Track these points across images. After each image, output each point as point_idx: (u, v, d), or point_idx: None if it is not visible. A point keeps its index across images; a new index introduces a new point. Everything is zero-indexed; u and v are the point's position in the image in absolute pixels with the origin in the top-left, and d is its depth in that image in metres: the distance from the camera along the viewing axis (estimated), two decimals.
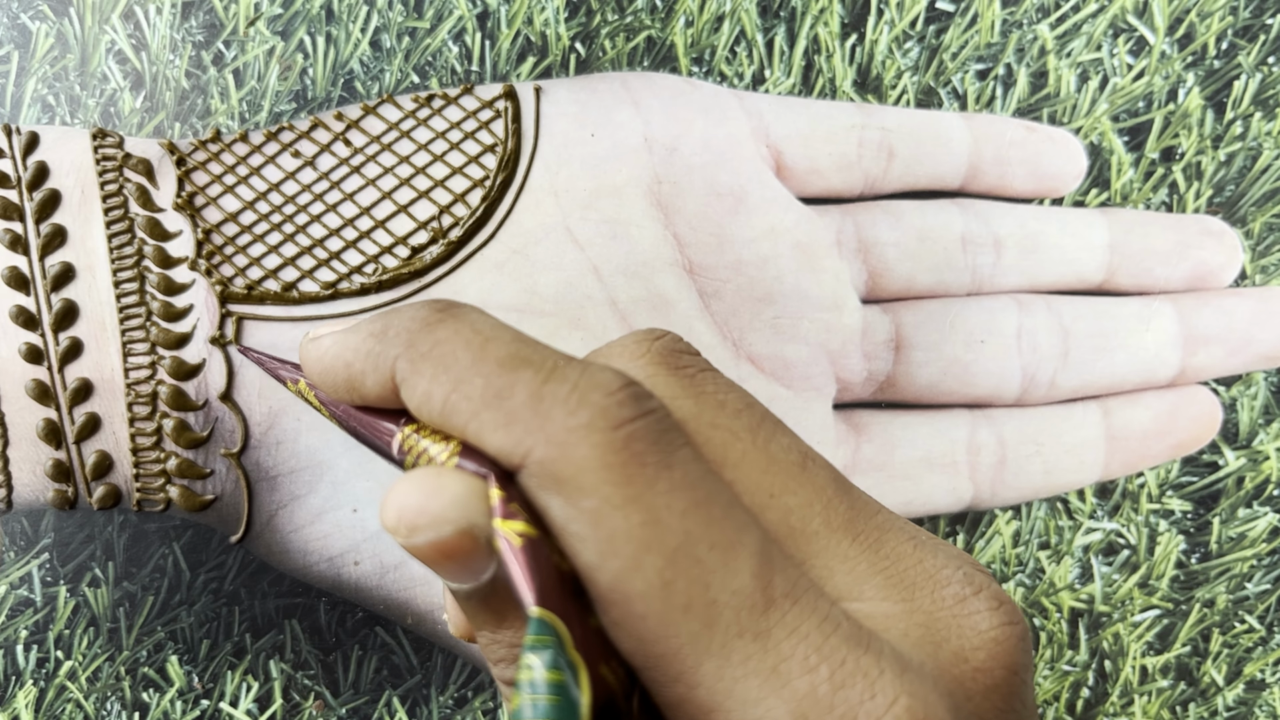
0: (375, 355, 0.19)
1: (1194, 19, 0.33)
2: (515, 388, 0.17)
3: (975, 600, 0.18)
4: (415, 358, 0.18)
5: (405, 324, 0.19)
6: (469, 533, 0.17)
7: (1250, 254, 0.33)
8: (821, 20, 0.33)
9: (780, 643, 0.16)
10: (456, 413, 0.18)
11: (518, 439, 0.17)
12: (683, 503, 0.17)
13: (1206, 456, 0.33)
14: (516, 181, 0.29)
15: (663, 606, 0.16)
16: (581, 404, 0.17)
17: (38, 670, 0.30)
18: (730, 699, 0.16)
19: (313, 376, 0.21)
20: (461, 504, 0.17)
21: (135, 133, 0.32)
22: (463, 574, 0.17)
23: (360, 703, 0.31)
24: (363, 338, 0.20)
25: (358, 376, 0.20)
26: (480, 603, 0.18)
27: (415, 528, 0.17)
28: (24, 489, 0.27)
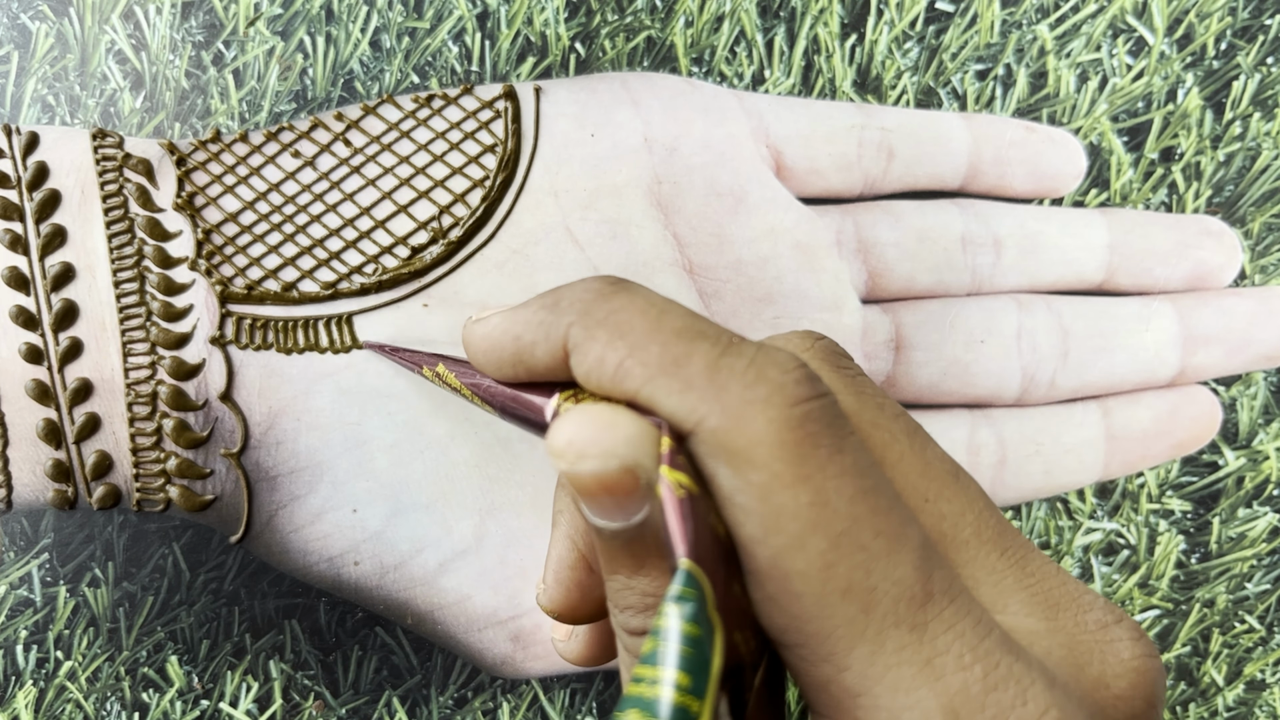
0: (547, 325, 0.20)
1: (1193, 19, 0.33)
2: (692, 357, 0.18)
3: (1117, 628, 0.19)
4: (590, 325, 0.19)
5: (578, 295, 0.20)
6: (633, 470, 0.17)
7: (1249, 254, 0.33)
8: (821, 20, 0.33)
9: (937, 637, 0.17)
10: (630, 377, 0.18)
11: (692, 405, 0.17)
12: (851, 489, 0.17)
13: (1206, 456, 0.33)
14: (516, 181, 0.29)
15: (822, 588, 0.16)
16: (759, 379, 0.17)
17: (37, 670, 0.30)
18: (880, 685, 0.17)
19: (477, 353, 0.22)
20: (632, 442, 0.17)
21: (135, 133, 0.32)
22: (614, 511, 0.17)
23: (360, 703, 0.31)
24: (533, 310, 0.20)
25: (527, 348, 0.20)
26: (623, 545, 0.18)
27: (584, 455, 0.17)
28: (24, 489, 0.27)
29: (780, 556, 0.17)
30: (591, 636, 0.24)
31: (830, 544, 0.17)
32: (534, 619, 0.29)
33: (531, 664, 0.29)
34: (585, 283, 0.20)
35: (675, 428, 0.17)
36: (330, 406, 0.28)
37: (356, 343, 0.28)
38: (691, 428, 0.17)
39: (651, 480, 0.17)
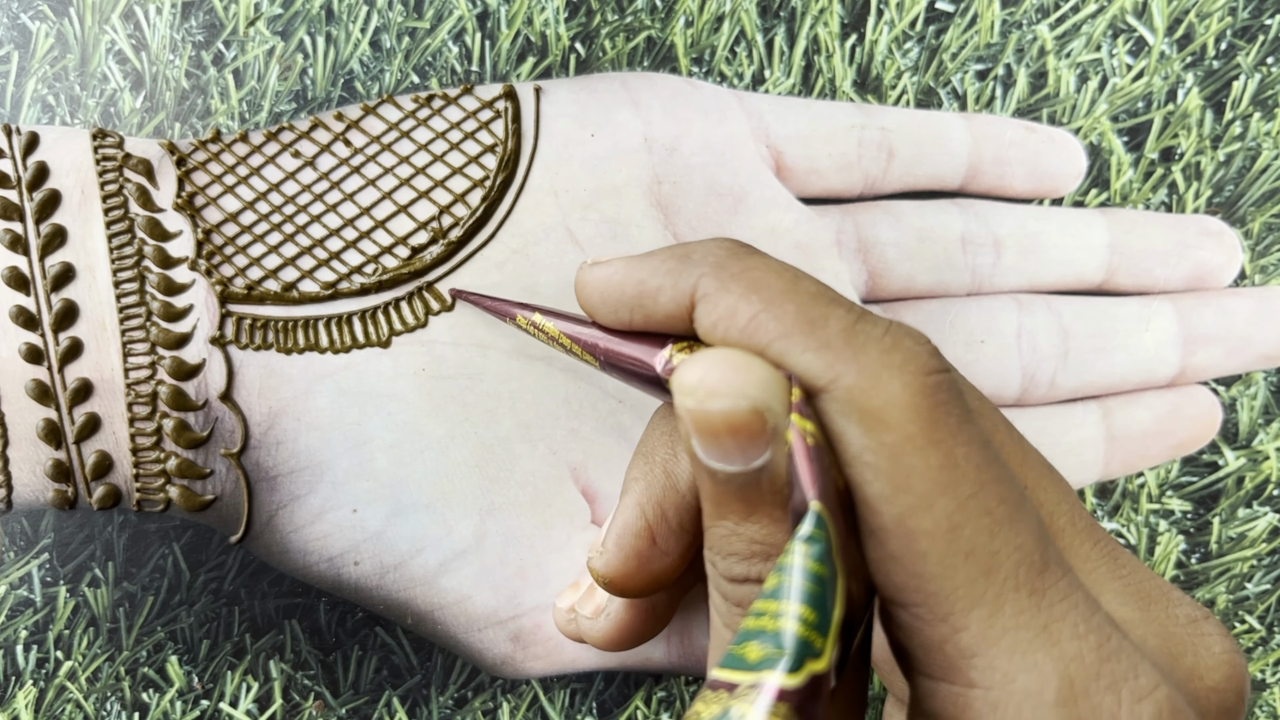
0: (676, 273, 0.20)
1: (1193, 19, 0.33)
2: (828, 320, 0.18)
3: (1206, 624, 0.19)
4: (724, 277, 0.19)
5: (711, 249, 0.20)
6: (762, 413, 0.17)
7: (1249, 254, 0.33)
8: (821, 20, 0.33)
9: (1054, 604, 0.17)
10: (762, 330, 0.19)
11: (828, 363, 0.18)
12: (978, 457, 0.17)
13: (1206, 456, 0.33)
14: (516, 182, 0.29)
15: (947, 548, 0.17)
16: (895, 346, 0.18)
17: (37, 670, 0.30)
18: (996, 647, 0.17)
19: (594, 293, 0.22)
20: (765, 386, 0.17)
21: (135, 133, 0.32)
22: (734, 454, 0.18)
23: (360, 703, 0.31)
24: (662, 259, 0.21)
25: (650, 293, 0.21)
26: (737, 490, 0.18)
27: (715, 393, 0.17)
28: (24, 489, 0.27)
29: (908, 515, 0.17)
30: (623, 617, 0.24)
31: (958, 506, 0.17)
32: (534, 619, 0.29)
33: (531, 664, 0.29)
34: (717, 240, 0.21)
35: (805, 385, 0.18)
36: (330, 406, 0.28)
37: (356, 343, 0.28)
38: (824, 385, 0.18)
39: (779, 425, 0.17)
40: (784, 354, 0.18)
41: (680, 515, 0.22)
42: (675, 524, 0.22)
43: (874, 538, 0.17)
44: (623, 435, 0.29)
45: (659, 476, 0.22)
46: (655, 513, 0.22)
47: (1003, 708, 0.17)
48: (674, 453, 0.23)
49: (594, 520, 0.30)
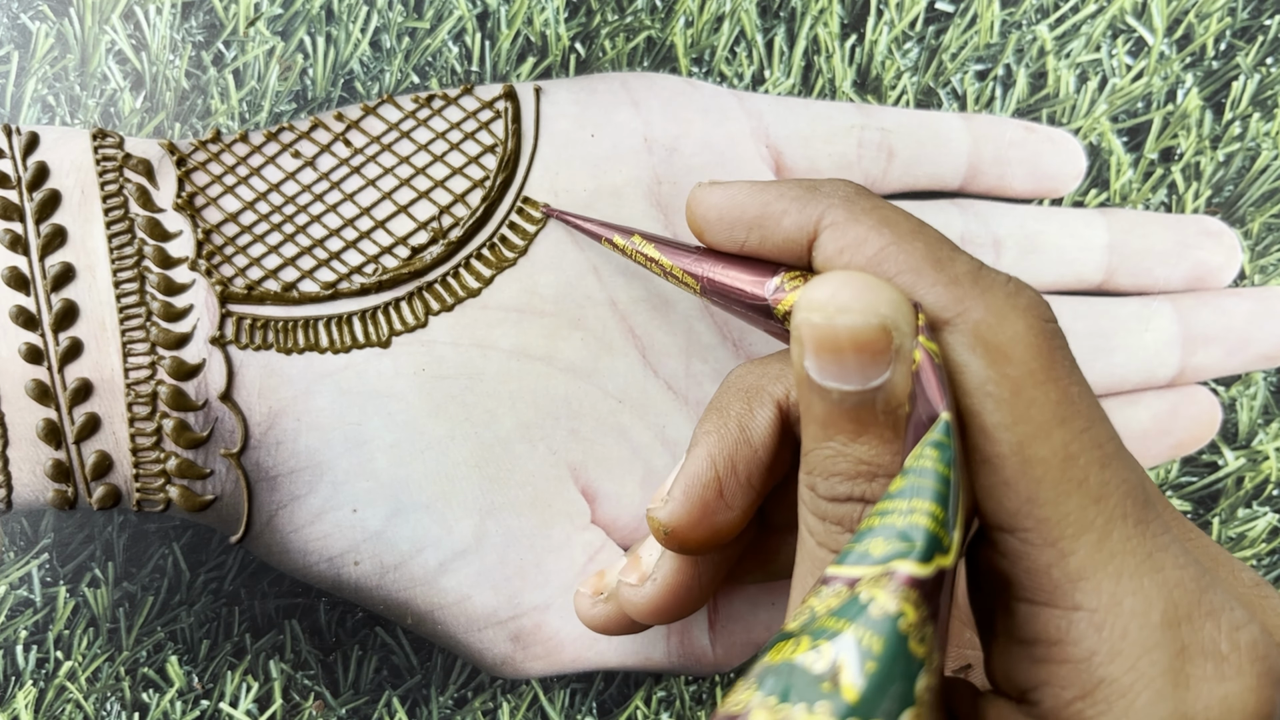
0: (804, 200, 0.22)
1: (1192, 20, 0.33)
2: (957, 260, 0.20)
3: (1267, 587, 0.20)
4: (856, 211, 0.21)
5: (839, 185, 0.22)
6: (889, 331, 0.18)
7: (1249, 254, 0.33)
8: (821, 21, 0.33)
9: (1157, 535, 0.18)
10: (890, 262, 0.20)
11: (956, 298, 0.19)
12: (1090, 397, 0.19)
13: (1206, 456, 0.33)
14: (516, 182, 0.29)
15: (1061, 475, 0.18)
16: (1020, 291, 0.19)
17: (37, 670, 0.30)
18: (1103, 571, 0.18)
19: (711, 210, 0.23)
20: (895, 306, 0.18)
21: (135, 133, 0.32)
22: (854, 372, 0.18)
23: (360, 703, 0.31)
24: (789, 186, 0.22)
25: (773, 216, 0.22)
26: (850, 409, 0.19)
27: (845, 308, 0.18)
28: (24, 489, 0.27)
29: (1026, 443, 0.18)
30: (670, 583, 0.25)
31: (1073, 437, 0.18)
32: (534, 619, 0.29)
33: (531, 664, 0.29)
34: (841, 179, 0.22)
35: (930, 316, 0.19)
36: (330, 406, 0.28)
37: (356, 343, 0.28)
38: (950, 318, 0.19)
39: (903, 345, 0.18)
40: (911, 287, 0.19)
41: (750, 470, 0.23)
42: (744, 478, 0.23)
43: (988, 465, 0.18)
44: (623, 435, 0.29)
45: (733, 430, 0.23)
46: (726, 465, 0.23)
47: (1108, 628, 0.18)
48: (749, 408, 0.23)
49: (594, 520, 0.30)
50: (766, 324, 0.23)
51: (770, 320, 0.23)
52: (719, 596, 0.30)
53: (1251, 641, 0.18)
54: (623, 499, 0.29)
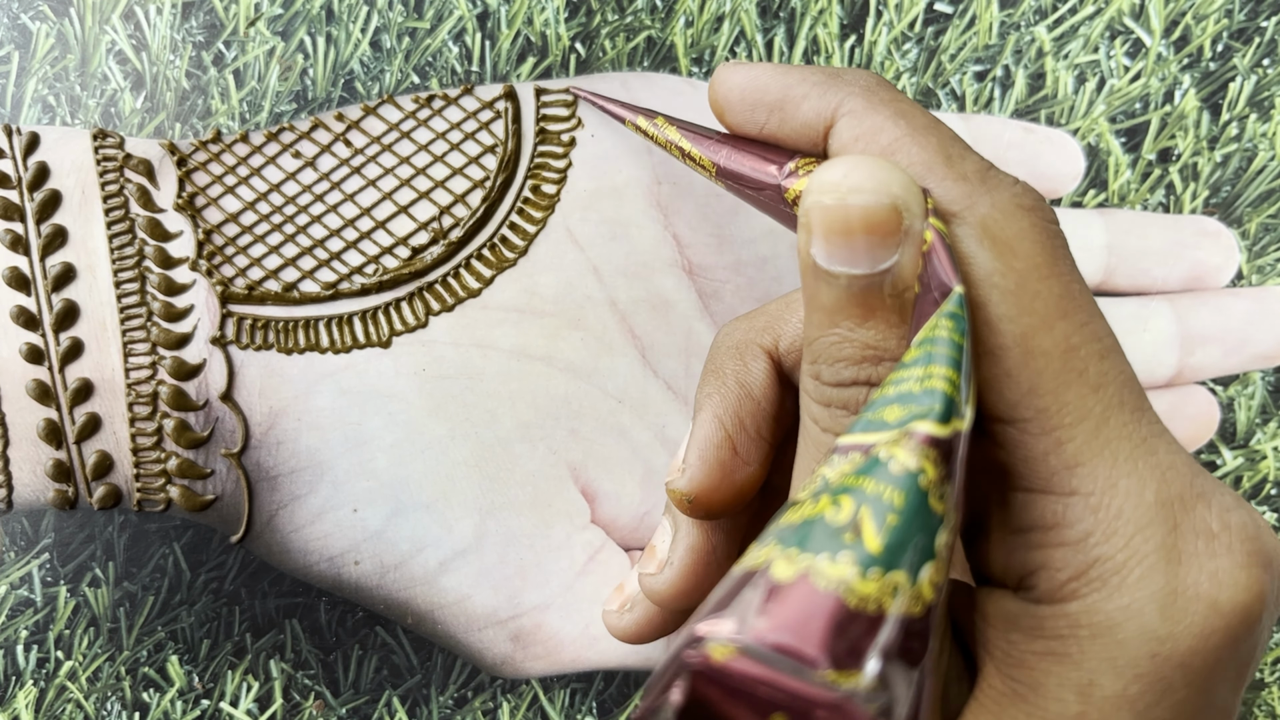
0: (825, 85, 0.22)
1: (1190, 21, 0.33)
2: (967, 158, 0.20)
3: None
4: (875, 100, 0.21)
5: (860, 75, 0.22)
6: (900, 212, 0.18)
7: (1246, 254, 0.33)
8: (821, 21, 0.33)
9: (1153, 423, 0.19)
10: (903, 153, 0.20)
11: (967, 193, 0.19)
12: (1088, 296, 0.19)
13: (1204, 456, 0.33)
14: (516, 182, 0.30)
15: (1062, 365, 0.18)
16: (1026, 192, 0.20)
17: (38, 670, 0.30)
18: (1099, 457, 0.18)
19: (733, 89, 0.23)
20: (906, 188, 0.19)
21: (136, 133, 0.32)
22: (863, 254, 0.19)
23: (360, 702, 0.31)
24: (810, 71, 0.22)
25: (794, 99, 0.22)
26: (858, 293, 0.19)
27: (858, 189, 0.18)
28: (24, 489, 0.27)
29: (1029, 334, 0.18)
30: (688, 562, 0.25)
31: (1075, 329, 0.19)
32: (534, 619, 0.29)
33: (531, 664, 0.29)
34: (863, 70, 0.22)
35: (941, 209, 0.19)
36: (331, 406, 0.28)
37: (357, 343, 0.28)
38: (958, 211, 0.19)
39: (913, 227, 0.18)
40: (921, 179, 0.20)
41: (758, 422, 0.23)
42: (753, 432, 0.23)
43: (991, 356, 0.19)
44: (623, 435, 0.29)
45: (732, 388, 0.23)
46: (734, 422, 0.23)
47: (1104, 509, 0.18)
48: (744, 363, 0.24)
49: (594, 520, 0.30)
50: (779, 211, 0.24)
51: (782, 207, 0.23)
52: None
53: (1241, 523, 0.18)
54: (623, 499, 0.30)
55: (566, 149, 0.30)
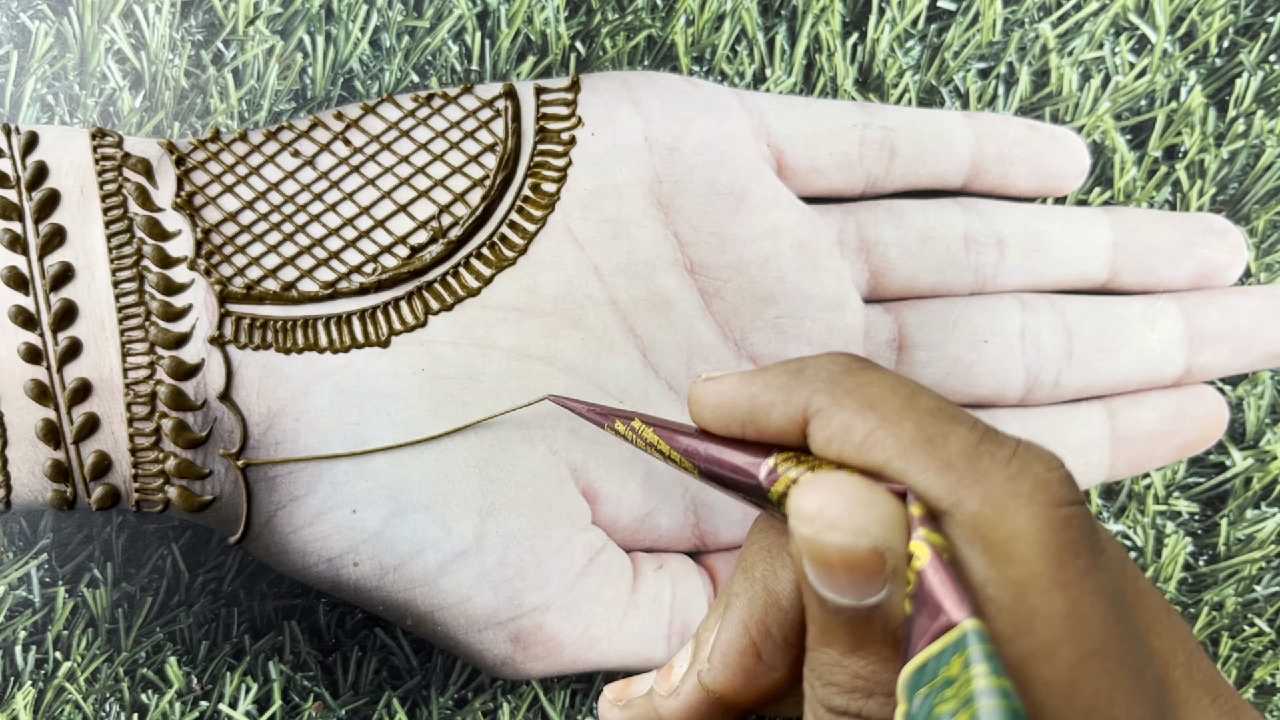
0: (789, 388, 0.20)
1: (1195, 17, 0.33)
2: (949, 438, 0.18)
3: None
4: (838, 393, 0.19)
5: (824, 365, 0.20)
6: (881, 554, 0.17)
7: (1254, 252, 0.33)
8: (823, 19, 0.33)
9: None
10: (879, 447, 0.18)
11: (950, 486, 0.17)
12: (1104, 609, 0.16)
13: (1213, 457, 0.33)
14: (516, 181, 0.29)
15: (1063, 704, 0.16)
16: (1023, 472, 0.17)
17: (36, 671, 0.30)
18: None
19: (706, 408, 0.22)
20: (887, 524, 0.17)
21: (134, 132, 0.32)
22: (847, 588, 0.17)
23: (360, 704, 0.31)
24: (774, 374, 0.21)
25: (762, 408, 0.21)
26: (845, 622, 0.18)
27: (833, 526, 0.17)
28: (22, 489, 0.27)
29: (1028, 660, 0.16)
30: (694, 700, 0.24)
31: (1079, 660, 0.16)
32: (534, 620, 0.29)
33: (531, 665, 0.29)
34: (831, 355, 0.21)
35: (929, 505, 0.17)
36: (329, 407, 0.28)
37: (355, 342, 0.28)
38: (946, 509, 0.17)
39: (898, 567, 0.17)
40: (904, 472, 0.18)
41: (785, 631, 0.22)
42: (780, 640, 0.22)
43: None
44: None
45: (760, 594, 0.22)
46: (759, 630, 0.22)
47: None
48: (773, 569, 0.22)
49: (595, 521, 0.29)
50: (764, 507, 0.22)
51: (767, 504, 0.22)
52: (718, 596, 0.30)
53: None
54: (624, 500, 0.29)
55: (566, 147, 0.30)
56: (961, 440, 0.18)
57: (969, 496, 0.17)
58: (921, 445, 0.18)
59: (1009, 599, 0.16)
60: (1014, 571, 0.16)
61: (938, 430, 0.18)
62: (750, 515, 0.30)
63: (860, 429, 0.19)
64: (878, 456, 0.18)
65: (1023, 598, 0.16)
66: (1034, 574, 0.16)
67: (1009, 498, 0.17)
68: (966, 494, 0.17)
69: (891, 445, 0.18)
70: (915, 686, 0.16)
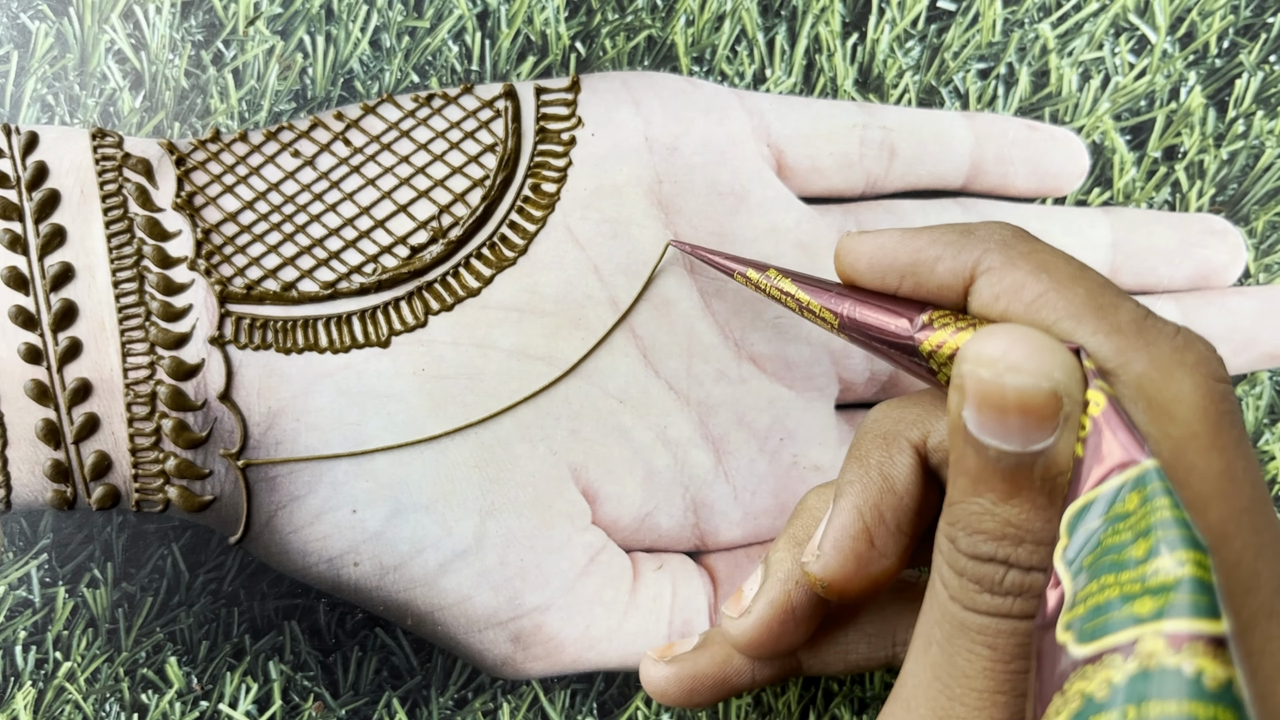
0: (959, 245, 0.21)
1: (1195, 18, 0.33)
2: (1119, 309, 0.19)
3: None
4: (1014, 255, 0.20)
5: (995, 229, 0.21)
6: (1060, 398, 0.17)
7: (1254, 253, 0.33)
8: (823, 19, 0.33)
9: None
10: (1050, 308, 0.19)
11: (1119, 348, 0.18)
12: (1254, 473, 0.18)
13: None
14: (516, 181, 0.29)
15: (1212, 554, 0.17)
16: (1188, 346, 0.18)
17: (36, 671, 0.30)
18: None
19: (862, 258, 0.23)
20: (1069, 372, 0.17)
21: (135, 132, 0.31)
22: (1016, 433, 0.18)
23: (360, 704, 0.31)
24: (943, 232, 0.22)
25: (927, 262, 0.21)
26: (1006, 470, 0.18)
27: (1016, 369, 0.17)
28: (23, 489, 0.27)
29: None
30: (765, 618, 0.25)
31: (1231, 516, 0.17)
32: (534, 620, 0.29)
33: (531, 665, 0.29)
34: (998, 222, 0.21)
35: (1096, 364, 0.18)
36: (330, 407, 0.28)
37: (356, 342, 0.28)
38: (1112, 369, 0.18)
39: (1072, 414, 0.17)
40: (1071, 333, 0.19)
41: (898, 517, 0.23)
42: (893, 526, 0.23)
43: None
44: (623, 436, 0.29)
45: (875, 479, 0.23)
46: (873, 515, 0.23)
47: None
48: (889, 455, 0.23)
49: (595, 521, 0.30)
50: (908, 362, 0.23)
51: (914, 359, 0.22)
52: (719, 596, 0.30)
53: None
54: (624, 500, 0.29)
55: (567, 148, 0.30)
56: (1130, 312, 0.19)
57: (1136, 359, 0.18)
58: (1092, 310, 0.19)
59: (1168, 454, 0.17)
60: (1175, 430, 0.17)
61: (1108, 300, 0.19)
62: (750, 516, 0.30)
63: (1033, 289, 0.19)
64: (1047, 316, 0.19)
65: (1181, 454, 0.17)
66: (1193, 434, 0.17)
67: (1175, 365, 0.18)
68: (1134, 357, 0.18)
69: (1063, 307, 0.19)
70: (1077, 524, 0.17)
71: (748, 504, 0.30)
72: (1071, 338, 0.19)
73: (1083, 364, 0.18)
